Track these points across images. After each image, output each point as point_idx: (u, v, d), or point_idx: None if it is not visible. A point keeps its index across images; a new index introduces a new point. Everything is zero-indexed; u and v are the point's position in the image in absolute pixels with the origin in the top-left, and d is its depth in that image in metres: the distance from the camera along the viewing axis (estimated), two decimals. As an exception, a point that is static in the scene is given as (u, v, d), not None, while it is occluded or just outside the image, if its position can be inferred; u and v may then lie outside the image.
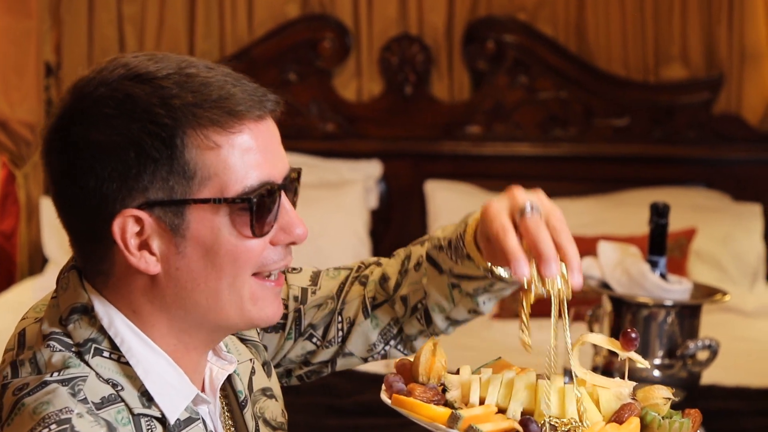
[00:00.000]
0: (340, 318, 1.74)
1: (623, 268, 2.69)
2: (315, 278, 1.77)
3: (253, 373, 1.63)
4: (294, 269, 1.76)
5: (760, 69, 5.17)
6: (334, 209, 4.97)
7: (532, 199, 1.46)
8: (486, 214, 1.49)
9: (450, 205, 5.02)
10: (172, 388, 1.43)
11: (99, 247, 1.41)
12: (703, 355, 2.67)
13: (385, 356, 1.78)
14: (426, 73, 5.27)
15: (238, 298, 1.43)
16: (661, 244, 2.70)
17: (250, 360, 1.64)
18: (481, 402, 1.43)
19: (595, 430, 1.39)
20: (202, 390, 1.52)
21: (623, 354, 1.48)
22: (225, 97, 1.37)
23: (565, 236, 1.45)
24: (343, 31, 5.28)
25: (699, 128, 5.20)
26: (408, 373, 1.50)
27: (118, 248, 1.38)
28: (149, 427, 1.40)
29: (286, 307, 1.72)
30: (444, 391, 1.46)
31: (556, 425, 1.40)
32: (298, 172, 1.47)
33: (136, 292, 1.42)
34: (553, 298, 1.45)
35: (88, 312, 1.42)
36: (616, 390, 1.46)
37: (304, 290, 1.75)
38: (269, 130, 1.42)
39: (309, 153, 5.17)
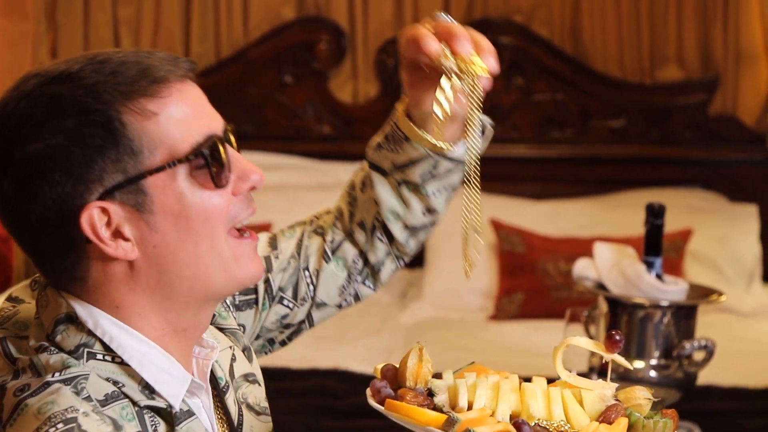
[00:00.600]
0: (306, 273, 1.76)
1: (619, 269, 2.69)
2: (273, 242, 1.78)
3: (233, 359, 1.63)
4: None
5: (756, 70, 5.18)
6: (331, 211, 4.96)
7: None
8: (401, 39, 1.59)
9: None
10: (169, 375, 1.44)
11: (71, 253, 1.40)
12: (699, 356, 2.67)
13: (357, 297, 1.80)
14: (422, 75, 5.26)
15: (220, 260, 1.43)
16: (657, 245, 2.70)
17: (230, 347, 1.64)
18: (469, 406, 1.43)
19: (589, 430, 1.40)
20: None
21: (607, 356, 1.50)
22: (144, 68, 1.39)
23: (475, 32, 1.55)
24: (339, 33, 5.28)
25: (695, 129, 5.20)
26: (393, 378, 1.50)
27: (92, 247, 1.39)
28: (153, 423, 1.41)
29: None
30: (431, 395, 1.46)
31: (548, 427, 1.41)
32: (232, 127, 1.49)
33: (116, 286, 1.42)
34: (466, 81, 1.54)
35: (73, 320, 1.42)
36: (600, 392, 1.47)
37: (266, 258, 1.76)
38: (196, 90, 1.46)
39: (305, 155, 5.18)
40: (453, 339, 4.26)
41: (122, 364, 1.41)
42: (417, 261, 4.98)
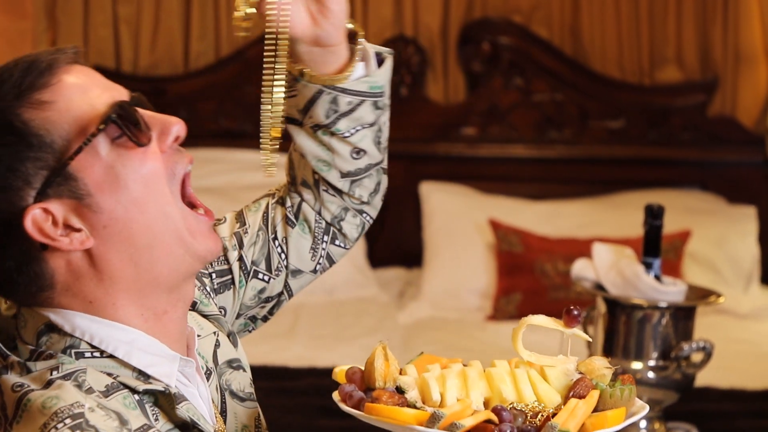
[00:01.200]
0: (276, 243, 1.75)
1: (618, 270, 2.69)
2: (240, 218, 1.77)
3: (217, 345, 1.63)
4: (219, 220, 1.75)
5: (755, 71, 5.18)
6: (329, 210, 4.96)
7: None
8: None
9: (445, 206, 5.02)
10: (157, 357, 1.44)
11: (30, 265, 1.40)
12: (697, 357, 2.67)
13: (330, 259, 1.78)
14: (421, 74, 5.27)
15: (175, 229, 1.43)
16: (655, 246, 2.70)
17: (214, 333, 1.64)
18: (441, 398, 1.44)
19: (570, 408, 1.42)
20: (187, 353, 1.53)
21: (567, 331, 1.51)
22: (27, 66, 1.39)
23: None
24: (339, 32, 5.26)
25: (694, 130, 5.20)
26: (360, 380, 1.49)
27: (47, 251, 1.39)
28: (154, 413, 1.41)
29: (226, 261, 1.72)
30: (400, 392, 1.46)
31: (524, 410, 1.43)
32: (141, 94, 1.48)
33: (84, 282, 1.41)
34: None
35: (53, 328, 1.42)
36: (563, 367, 1.49)
37: (236, 234, 1.75)
38: (87, 71, 1.44)
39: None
40: (451, 339, 4.26)
41: (111, 357, 1.41)
42: (415, 260, 4.98)
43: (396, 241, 5.17)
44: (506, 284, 4.66)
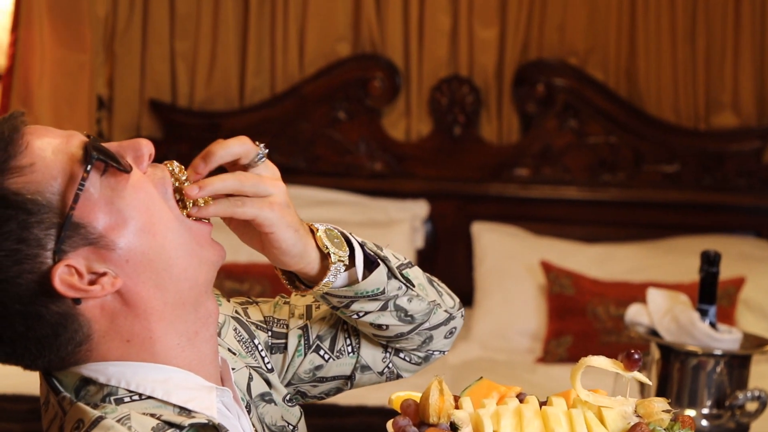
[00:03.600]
0: (344, 328, 1.75)
1: (672, 316, 2.67)
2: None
3: (250, 379, 1.64)
4: (302, 295, 1.75)
5: (812, 118, 5.14)
6: (381, 248, 4.96)
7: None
8: None
9: (496, 247, 5.00)
10: (194, 391, 1.45)
11: (67, 326, 1.40)
12: (752, 407, 2.63)
13: (395, 371, 1.79)
14: (475, 114, 5.27)
15: (184, 242, 1.43)
16: (711, 293, 2.67)
17: (246, 367, 1.65)
18: None
19: None
20: (222, 383, 1.54)
21: (627, 374, 1.50)
22: None
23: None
24: (394, 70, 5.29)
25: (748, 176, 5.17)
26: (414, 413, 1.49)
27: (81, 306, 1.39)
28: None
29: (286, 326, 1.73)
30: (453, 429, 1.45)
31: None
32: (88, 133, 1.47)
33: (119, 322, 1.42)
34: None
35: (89, 381, 1.42)
36: (620, 408, 1.47)
37: (308, 307, 1.76)
38: (42, 127, 1.44)
39: (357, 191, 5.18)
40: (500, 380, 4.20)
41: (149, 398, 1.42)
42: (466, 301, 4.96)
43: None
44: (557, 326, 4.63)
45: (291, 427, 1.68)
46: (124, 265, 1.40)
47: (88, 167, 1.37)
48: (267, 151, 1.53)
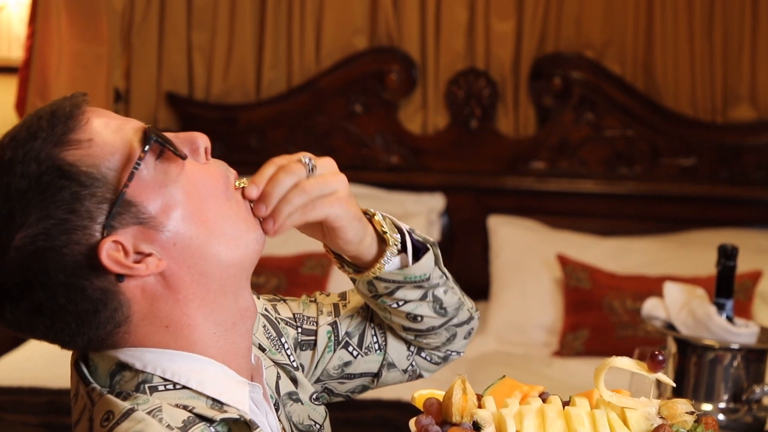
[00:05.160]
0: (372, 324, 1.77)
1: (689, 310, 2.66)
2: (343, 295, 1.81)
3: (278, 377, 1.65)
4: (327, 294, 1.81)
5: (830, 111, 5.12)
6: (397, 241, 4.96)
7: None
8: None
9: (512, 240, 5.00)
10: (228, 384, 1.45)
11: (108, 302, 1.40)
12: (768, 401, 2.63)
13: (417, 370, 1.81)
14: (492, 107, 5.27)
15: (232, 229, 1.44)
16: (728, 287, 2.66)
17: (274, 365, 1.66)
18: None
19: None
20: (251, 379, 1.54)
21: (651, 376, 1.49)
22: (51, 114, 1.40)
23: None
24: (410, 64, 5.29)
25: (766, 170, 5.15)
26: (437, 412, 1.49)
27: (124, 284, 1.39)
28: None
29: (315, 323, 1.75)
30: (476, 428, 1.45)
31: None
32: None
33: (159, 306, 1.43)
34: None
35: (125, 366, 1.43)
36: (644, 410, 1.47)
37: (335, 305, 1.78)
38: (101, 109, 1.45)
39: (373, 184, 5.18)
40: (516, 374, 4.20)
41: (184, 388, 1.42)
42: (482, 294, 4.97)
43: (463, 274, 5.12)
44: (573, 320, 4.63)
45: (318, 426, 1.69)
46: (170, 248, 1.40)
47: (146, 147, 1.38)
48: (313, 162, 1.54)
